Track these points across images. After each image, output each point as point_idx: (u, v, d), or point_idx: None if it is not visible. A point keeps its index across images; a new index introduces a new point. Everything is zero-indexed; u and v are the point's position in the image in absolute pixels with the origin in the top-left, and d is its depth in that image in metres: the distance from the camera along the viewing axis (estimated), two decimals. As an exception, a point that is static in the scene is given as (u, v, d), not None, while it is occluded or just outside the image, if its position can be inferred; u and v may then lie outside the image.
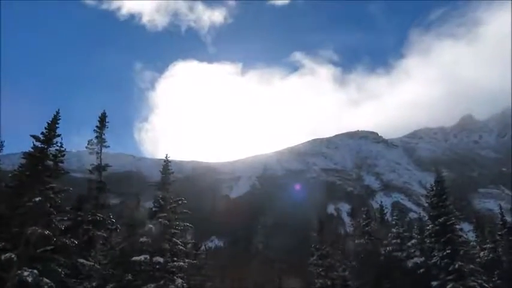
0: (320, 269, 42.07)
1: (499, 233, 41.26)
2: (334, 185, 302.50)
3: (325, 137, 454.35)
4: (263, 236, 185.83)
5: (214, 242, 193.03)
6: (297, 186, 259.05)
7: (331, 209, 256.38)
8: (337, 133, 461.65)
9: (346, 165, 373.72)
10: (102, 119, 29.86)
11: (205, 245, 58.03)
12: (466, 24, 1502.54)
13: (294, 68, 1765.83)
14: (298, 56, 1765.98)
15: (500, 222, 43.31)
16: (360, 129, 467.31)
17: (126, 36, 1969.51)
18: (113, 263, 27.48)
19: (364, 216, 35.51)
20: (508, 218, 54.75)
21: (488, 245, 37.26)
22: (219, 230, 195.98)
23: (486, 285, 29.68)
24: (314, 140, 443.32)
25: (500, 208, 48.77)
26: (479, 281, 29.45)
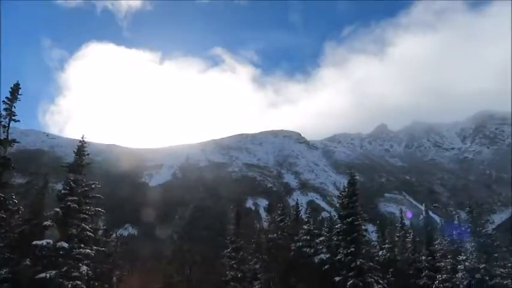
0: (233, 262, 42.70)
1: (397, 234, 45.26)
2: (254, 180, 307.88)
3: (250, 133, 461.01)
4: (180, 226, 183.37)
5: (128, 230, 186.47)
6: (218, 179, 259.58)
7: (249, 203, 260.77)
8: (262, 130, 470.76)
9: (268, 162, 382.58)
10: (15, 90, 27.33)
11: (116, 233, 55.82)
12: (377, 42, 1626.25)
13: (214, 62, 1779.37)
14: (219, 51, 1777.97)
15: (400, 225, 47.58)
16: (285, 128, 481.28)
17: (34, 7, 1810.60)
18: (10, 247, 25.33)
19: (279, 212, 36.73)
20: (406, 222, 59.95)
21: (386, 245, 40.58)
22: (134, 218, 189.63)
23: (381, 281, 32.31)
24: (240, 135, 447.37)
25: (401, 212, 53.43)
26: (376, 278, 31.98)
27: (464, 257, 32.32)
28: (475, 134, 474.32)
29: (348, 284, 32.04)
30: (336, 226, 36.48)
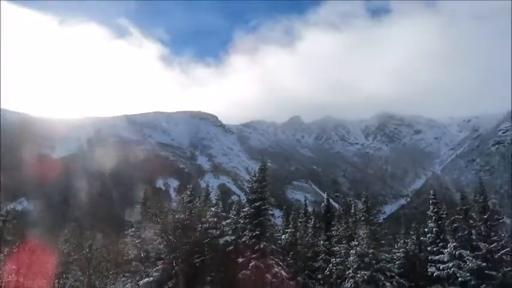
0: (137, 241, 41.66)
1: (300, 220, 47.93)
2: (167, 160, 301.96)
3: (166, 111, 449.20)
4: (83, 202, 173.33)
5: (23, 204, 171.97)
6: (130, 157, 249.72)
7: (160, 183, 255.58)
8: (179, 110, 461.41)
9: (183, 143, 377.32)
10: None
11: (7, 207, 51.02)
12: (287, 34, 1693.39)
13: (120, 34, 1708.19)
14: (125, 22, 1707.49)
15: (303, 211, 50.39)
16: (202, 110, 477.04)
17: None
18: None
19: (188, 193, 36.60)
20: (310, 209, 63.40)
21: (289, 230, 42.74)
22: (31, 191, 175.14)
23: (281, 263, 34.02)
24: (155, 113, 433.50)
25: (305, 200, 56.50)
26: (277, 260, 33.56)
27: (357, 243, 35.27)
28: (377, 132, 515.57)
29: (250, 265, 33.15)
30: (244, 209, 37.37)
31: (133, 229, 45.98)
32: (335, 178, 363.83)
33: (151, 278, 34.22)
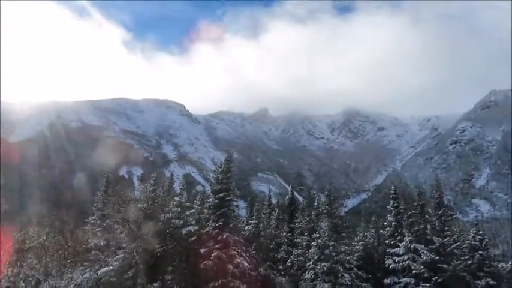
0: (97, 229, 40.74)
1: (264, 212, 48.41)
2: (131, 148, 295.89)
3: (132, 98, 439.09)
4: (41, 189, 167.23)
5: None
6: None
7: (123, 171, 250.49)
8: (145, 97, 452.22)
9: (148, 131, 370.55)
10: None
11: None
12: (252, 27, 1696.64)
13: (81, 14, 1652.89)
14: (86, 3, 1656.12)
15: (267, 203, 50.92)
16: (169, 99, 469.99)
17: None
18: None
19: (152, 182, 36.08)
20: (274, 201, 63.88)
21: (253, 221, 43.08)
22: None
23: (244, 254, 34.29)
24: (120, 99, 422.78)
25: (270, 192, 57.06)
26: (239, 251, 33.79)
27: (318, 235, 36.03)
28: (342, 127, 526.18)
29: (213, 255, 33.19)
30: (208, 200, 37.23)
31: (93, 217, 44.93)
32: (300, 171, 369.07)
33: (111, 267, 33.58)
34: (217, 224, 34.53)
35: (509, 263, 44.25)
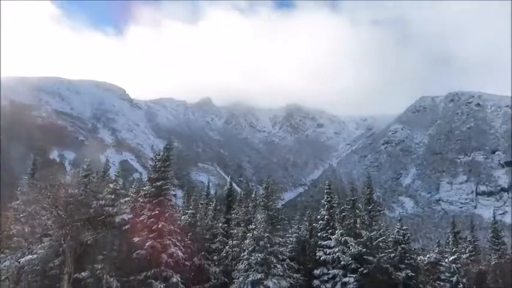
0: (21, 215, 38.21)
1: (202, 202, 48.23)
2: (64, 130, 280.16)
3: (68, 78, 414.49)
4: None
5: None
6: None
7: (54, 154, 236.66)
8: (83, 78, 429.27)
9: (84, 114, 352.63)
10: None
11: None
12: (194, 12, 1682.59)
13: None
14: None
15: (205, 193, 50.73)
16: (109, 81, 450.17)
17: None
18: None
19: (85, 166, 34.40)
20: (212, 191, 63.79)
21: (190, 211, 42.75)
22: None
23: (178, 244, 34.00)
24: (55, 78, 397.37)
25: (208, 182, 56.93)
26: (174, 240, 33.45)
27: (254, 226, 36.60)
28: (283, 122, 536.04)
29: (146, 244, 32.56)
30: (145, 188, 36.34)
31: (18, 202, 41.99)
32: (240, 163, 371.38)
33: (35, 255, 31.72)
34: (152, 213, 33.83)
35: (427, 256, 47.98)
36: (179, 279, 32.68)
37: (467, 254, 47.49)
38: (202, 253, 39.89)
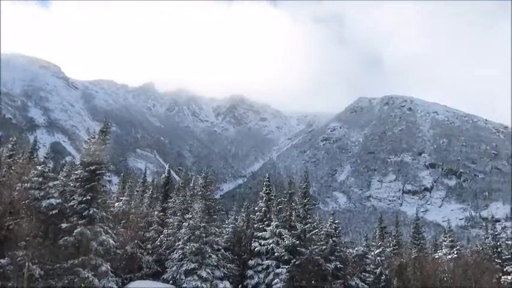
0: None
1: (137, 189, 46.86)
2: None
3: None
4: None
5: None
6: None
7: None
8: (14, 52, 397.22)
9: (14, 90, 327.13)
10: None
11: None
12: None
13: None
14: None
15: (142, 181, 49.31)
16: (43, 58, 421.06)
17: None
18: None
19: (10, 146, 31.81)
20: (150, 179, 62.20)
21: (124, 198, 41.41)
22: None
23: (110, 231, 32.76)
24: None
25: (145, 169, 55.36)
26: (105, 227, 32.15)
27: (190, 216, 36.24)
28: (226, 113, 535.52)
29: (75, 231, 30.95)
30: (76, 172, 34.44)
31: None
32: (181, 151, 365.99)
33: None
34: (84, 198, 32.17)
35: (355, 249, 50.43)
36: (109, 267, 31.51)
37: (391, 248, 50.57)
38: (136, 241, 38.84)
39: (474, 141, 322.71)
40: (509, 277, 34.57)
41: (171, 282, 34.84)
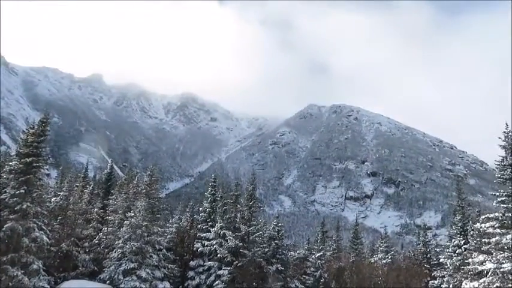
0: None
1: (77, 184, 44.83)
2: None
3: None
4: None
5: None
6: None
7: None
8: None
9: None
10: None
11: None
12: None
13: None
14: None
15: (82, 175, 47.25)
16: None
17: None
18: None
19: None
20: (92, 174, 59.68)
21: (62, 193, 39.53)
22: None
23: (45, 227, 31.16)
24: None
25: (87, 163, 53.17)
26: (40, 223, 30.56)
27: (132, 214, 35.25)
28: (177, 111, 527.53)
29: (5, 226, 29.07)
30: (11, 163, 32.34)
31: None
32: (127, 148, 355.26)
33: None
34: (17, 192, 30.30)
35: (297, 252, 51.56)
36: (41, 266, 29.86)
37: (331, 252, 52.27)
38: (72, 239, 37.11)
39: (412, 152, 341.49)
40: (436, 281, 36.87)
41: (108, 282, 33.62)
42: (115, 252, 34.55)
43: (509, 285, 22.30)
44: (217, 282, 37.03)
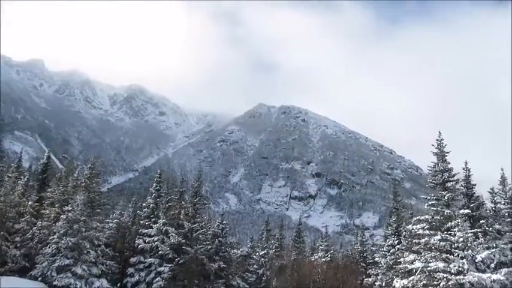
0: None
1: (10, 175, 42.07)
2: None
3: None
4: None
5: None
6: None
7: None
8: None
9: None
10: None
11: None
12: None
13: None
14: None
15: (16, 166, 44.40)
16: None
17: None
18: None
19: None
20: (27, 164, 56.38)
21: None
22: None
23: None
24: None
25: (21, 153, 50.14)
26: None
27: (70, 208, 33.71)
28: (123, 102, 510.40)
29: None
30: None
31: None
32: (67, 138, 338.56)
33: None
34: None
35: (240, 249, 51.90)
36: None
37: (274, 250, 53.17)
38: (1, 233, 34.79)
39: (355, 156, 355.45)
40: (370, 279, 38.70)
41: (40, 279, 31.90)
42: (49, 247, 32.88)
43: (435, 282, 23.94)
44: (157, 279, 36.35)
